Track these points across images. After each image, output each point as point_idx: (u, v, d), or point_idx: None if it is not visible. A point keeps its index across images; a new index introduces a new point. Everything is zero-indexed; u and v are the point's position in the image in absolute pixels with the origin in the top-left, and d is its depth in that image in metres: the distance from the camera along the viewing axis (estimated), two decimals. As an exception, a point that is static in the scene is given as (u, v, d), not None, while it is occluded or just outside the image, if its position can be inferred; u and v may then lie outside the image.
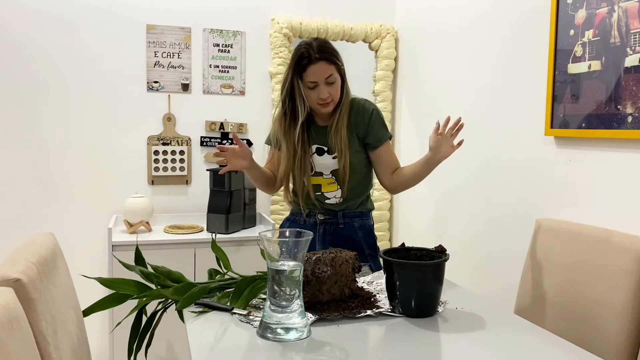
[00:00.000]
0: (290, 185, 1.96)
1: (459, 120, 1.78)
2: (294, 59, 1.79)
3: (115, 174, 2.82)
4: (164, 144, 2.88)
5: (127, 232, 2.62)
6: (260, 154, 3.02)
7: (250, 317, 1.34)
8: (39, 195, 2.72)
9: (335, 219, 1.92)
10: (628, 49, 1.61)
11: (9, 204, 2.68)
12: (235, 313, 1.37)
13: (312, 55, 1.75)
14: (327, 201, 1.91)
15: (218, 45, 2.93)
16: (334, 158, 1.87)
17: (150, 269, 1.51)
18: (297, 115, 1.83)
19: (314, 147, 1.89)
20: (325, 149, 1.88)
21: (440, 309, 1.42)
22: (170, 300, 1.46)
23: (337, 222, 1.92)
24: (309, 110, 1.83)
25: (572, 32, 1.82)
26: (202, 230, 2.70)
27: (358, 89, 2.03)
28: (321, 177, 1.90)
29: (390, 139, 1.92)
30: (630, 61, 1.61)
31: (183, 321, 1.37)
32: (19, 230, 2.66)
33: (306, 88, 1.79)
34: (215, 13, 2.92)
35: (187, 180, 2.94)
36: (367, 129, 1.87)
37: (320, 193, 1.91)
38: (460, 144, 1.80)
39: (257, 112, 3.02)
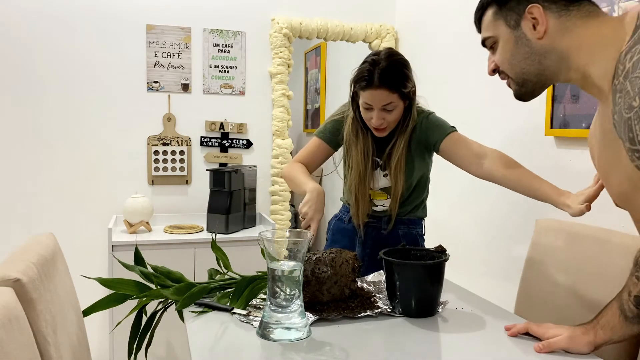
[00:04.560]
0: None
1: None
2: (357, 72, 1.63)
3: (115, 174, 2.82)
4: (164, 144, 2.88)
5: (127, 232, 2.62)
6: (261, 153, 3.03)
7: (250, 317, 1.34)
8: (39, 195, 2.72)
9: (379, 223, 1.82)
10: (628, 49, 1.61)
11: (9, 204, 2.68)
12: (235, 313, 1.37)
13: (374, 78, 1.57)
14: (374, 208, 1.83)
15: (218, 45, 2.93)
16: (385, 176, 1.77)
17: (150, 269, 1.51)
18: (363, 125, 1.73)
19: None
20: (380, 162, 1.78)
21: (440, 309, 1.42)
22: (170, 300, 1.46)
23: (379, 227, 1.82)
24: None
25: (572, 32, 1.82)
26: (202, 230, 2.70)
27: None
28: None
29: (455, 131, 1.73)
30: (630, 61, 1.60)
31: (183, 321, 1.37)
32: (19, 230, 2.66)
33: (362, 106, 1.66)
34: (215, 13, 2.92)
35: (187, 180, 2.94)
36: (426, 138, 1.73)
37: (369, 200, 1.82)
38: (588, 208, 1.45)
39: (257, 112, 3.01)
